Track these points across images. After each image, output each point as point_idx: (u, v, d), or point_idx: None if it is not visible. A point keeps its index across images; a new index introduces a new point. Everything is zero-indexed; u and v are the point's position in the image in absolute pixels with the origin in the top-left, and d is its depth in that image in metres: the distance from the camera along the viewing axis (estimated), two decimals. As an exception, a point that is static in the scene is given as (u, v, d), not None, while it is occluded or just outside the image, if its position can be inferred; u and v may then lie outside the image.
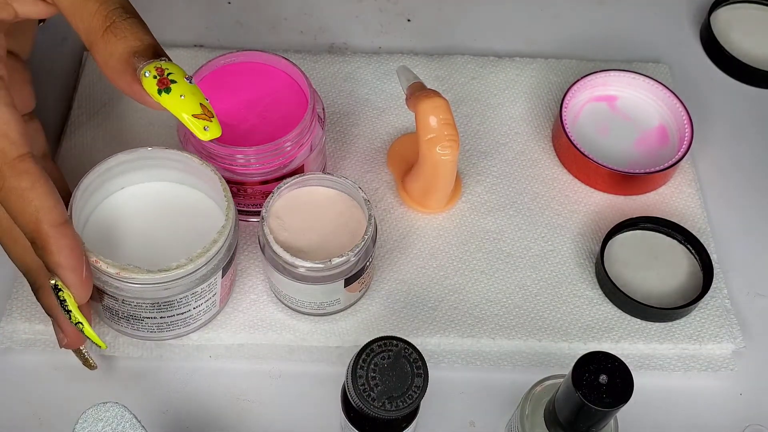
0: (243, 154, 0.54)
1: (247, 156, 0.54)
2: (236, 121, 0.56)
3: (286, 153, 0.55)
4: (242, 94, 0.57)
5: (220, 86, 0.57)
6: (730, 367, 0.56)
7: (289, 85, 0.57)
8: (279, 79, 0.58)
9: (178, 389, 0.54)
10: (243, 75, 0.58)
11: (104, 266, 0.47)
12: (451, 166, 0.56)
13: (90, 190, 0.52)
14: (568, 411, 0.44)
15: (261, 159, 0.54)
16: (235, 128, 0.55)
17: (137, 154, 0.52)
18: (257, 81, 0.57)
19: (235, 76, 0.58)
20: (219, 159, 0.54)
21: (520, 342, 0.56)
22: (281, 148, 0.54)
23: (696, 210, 0.62)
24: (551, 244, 0.60)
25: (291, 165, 0.56)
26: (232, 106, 0.56)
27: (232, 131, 0.55)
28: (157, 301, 0.50)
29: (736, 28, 0.73)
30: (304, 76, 0.56)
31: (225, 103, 0.56)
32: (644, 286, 0.58)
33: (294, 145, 0.55)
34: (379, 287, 0.57)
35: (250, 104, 0.57)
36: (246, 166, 0.54)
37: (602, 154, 0.62)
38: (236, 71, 0.58)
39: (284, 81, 0.58)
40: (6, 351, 0.55)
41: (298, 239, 0.52)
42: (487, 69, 0.68)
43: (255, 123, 0.56)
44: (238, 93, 0.57)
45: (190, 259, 0.48)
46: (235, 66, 0.58)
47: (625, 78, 0.66)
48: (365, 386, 0.43)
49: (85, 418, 0.44)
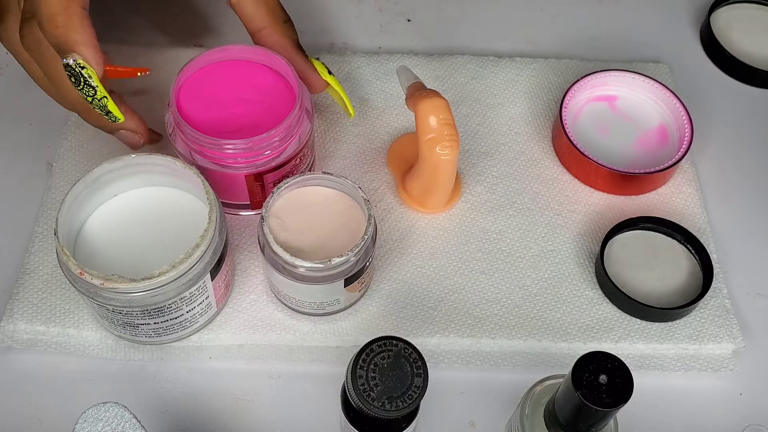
0: (232, 146, 0.54)
1: (235, 147, 0.54)
2: (226, 115, 0.56)
3: (274, 146, 0.55)
4: (231, 88, 0.57)
5: (210, 80, 0.57)
6: (730, 367, 0.56)
7: (277, 79, 0.58)
8: (267, 73, 0.58)
9: (178, 389, 0.54)
10: (231, 69, 0.58)
11: (89, 278, 0.47)
12: (451, 166, 0.56)
13: (79, 201, 0.52)
14: (568, 411, 0.43)
15: (249, 151, 0.54)
16: (225, 122, 0.56)
17: (123, 162, 0.52)
18: (245, 75, 0.58)
19: (223, 70, 0.58)
20: (208, 151, 0.54)
21: (520, 342, 0.56)
22: (270, 140, 0.54)
23: (696, 210, 0.62)
24: (551, 244, 0.60)
25: (279, 158, 0.56)
26: (222, 100, 0.57)
27: (221, 125, 0.55)
28: (147, 308, 0.50)
29: (736, 28, 0.73)
30: (291, 71, 0.56)
31: (215, 98, 0.56)
32: (644, 286, 0.58)
33: (282, 139, 0.55)
34: (378, 287, 0.57)
35: (238, 98, 0.57)
36: (234, 158, 0.55)
37: (602, 154, 0.62)
38: (225, 66, 0.58)
39: (272, 75, 0.58)
40: (6, 351, 0.55)
41: (298, 239, 0.52)
42: (487, 69, 0.68)
43: (243, 116, 0.56)
44: (227, 88, 0.57)
45: (173, 266, 0.48)
46: (225, 62, 0.58)
47: (625, 78, 0.66)
48: (365, 386, 0.43)
49: (85, 418, 0.44)
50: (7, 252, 0.59)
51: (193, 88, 0.57)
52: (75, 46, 0.48)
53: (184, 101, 0.56)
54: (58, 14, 0.48)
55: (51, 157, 0.63)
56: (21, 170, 0.63)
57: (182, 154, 0.56)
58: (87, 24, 0.49)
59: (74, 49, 0.49)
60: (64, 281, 0.56)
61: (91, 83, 0.49)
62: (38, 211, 0.60)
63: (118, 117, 0.52)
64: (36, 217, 0.59)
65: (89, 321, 0.55)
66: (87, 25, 0.49)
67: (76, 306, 0.55)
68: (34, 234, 0.58)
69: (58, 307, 0.55)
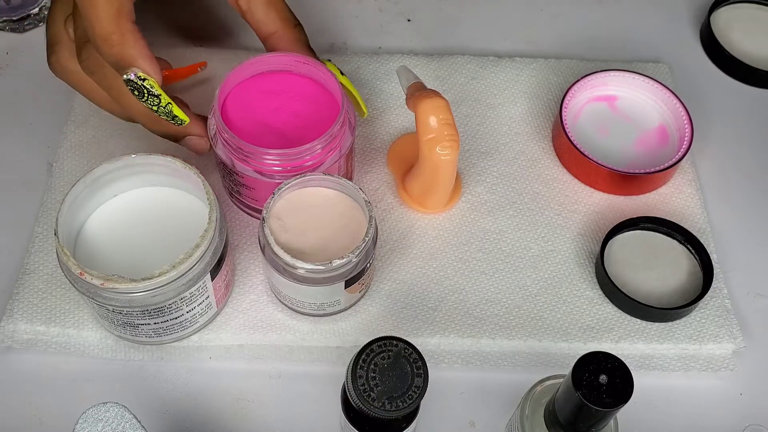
0: (272, 155, 0.53)
1: (275, 157, 0.54)
2: (268, 124, 0.56)
3: (315, 156, 0.54)
4: (275, 98, 0.57)
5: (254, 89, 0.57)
6: (730, 367, 0.56)
7: (321, 90, 0.57)
8: (311, 83, 0.58)
9: (178, 389, 0.54)
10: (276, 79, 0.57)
11: (89, 278, 0.47)
12: (451, 166, 0.56)
13: (79, 201, 0.52)
14: (568, 411, 0.43)
15: (288, 161, 0.54)
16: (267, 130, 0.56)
17: (123, 162, 0.52)
18: (290, 85, 0.57)
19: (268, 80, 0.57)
20: (250, 158, 0.54)
21: (520, 342, 0.56)
22: (311, 150, 0.54)
23: (696, 210, 0.62)
24: (551, 244, 0.60)
25: (320, 169, 0.55)
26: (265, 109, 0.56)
27: (264, 133, 0.55)
28: (147, 308, 0.50)
29: (736, 28, 0.73)
30: (336, 82, 0.56)
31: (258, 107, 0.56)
32: (644, 286, 0.58)
33: (324, 149, 0.54)
34: (379, 287, 0.57)
35: (282, 108, 0.56)
36: (272, 166, 0.54)
37: (602, 154, 0.62)
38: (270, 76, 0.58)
39: (316, 86, 0.57)
40: (6, 351, 0.55)
41: (299, 240, 0.52)
42: (487, 69, 0.68)
43: (285, 126, 0.56)
44: (270, 98, 0.57)
45: (173, 266, 0.48)
46: (270, 73, 0.58)
47: (625, 78, 0.66)
48: (365, 386, 0.43)
49: (85, 418, 0.44)
50: (7, 252, 0.59)
51: (237, 96, 0.57)
52: (133, 60, 0.50)
53: (229, 108, 0.56)
54: (111, 33, 0.49)
55: (51, 157, 0.63)
56: (21, 170, 0.63)
57: (222, 160, 0.55)
58: (139, 37, 0.50)
59: (133, 64, 0.50)
60: (64, 281, 0.56)
61: (154, 92, 0.51)
62: (38, 211, 0.60)
63: (184, 119, 0.53)
64: (36, 217, 0.59)
65: (89, 321, 0.55)
66: (139, 38, 0.50)
67: (76, 306, 0.55)
68: (34, 234, 0.58)
69: (58, 307, 0.55)
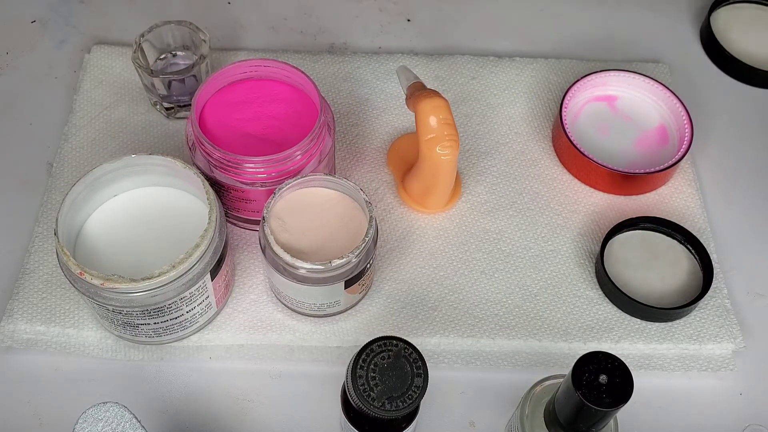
0: (252, 164, 0.53)
1: (255, 165, 0.54)
2: (246, 131, 0.56)
3: (295, 162, 0.54)
4: (253, 104, 0.57)
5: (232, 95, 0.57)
6: (730, 367, 0.56)
7: (299, 95, 0.57)
8: (289, 89, 0.58)
9: (178, 389, 0.54)
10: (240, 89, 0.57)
11: (89, 278, 0.47)
12: (451, 166, 0.56)
13: (79, 201, 0.52)
14: (568, 411, 0.43)
15: (269, 168, 0.54)
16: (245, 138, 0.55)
17: (123, 162, 0.52)
18: (268, 91, 0.57)
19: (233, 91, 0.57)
20: (230, 169, 0.54)
21: (520, 342, 0.56)
22: (290, 157, 0.54)
23: (696, 210, 0.62)
24: (551, 244, 0.60)
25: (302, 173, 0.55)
26: (243, 116, 0.56)
27: (240, 141, 0.55)
28: (147, 308, 0.50)
29: (736, 28, 0.73)
30: (314, 86, 0.56)
31: (236, 114, 0.56)
32: (644, 286, 0.58)
33: (304, 155, 0.54)
34: (379, 287, 0.57)
35: (260, 114, 0.56)
36: (254, 174, 0.54)
37: (602, 154, 0.62)
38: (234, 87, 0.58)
39: (294, 91, 0.57)
40: (6, 351, 0.55)
41: (299, 240, 0.52)
42: (487, 69, 0.68)
43: (264, 133, 0.56)
44: (250, 103, 0.57)
45: (173, 266, 0.48)
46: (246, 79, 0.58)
47: (625, 78, 0.66)
48: (365, 386, 0.43)
49: (85, 418, 0.44)
50: (7, 252, 0.59)
51: (215, 103, 0.56)
52: None
53: (207, 116, 0.56)
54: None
55: (51, 157, 0.63)
56: (21, 170, 0.63)
57: (201, 169, 0.55)
58: None
59: None
60: (64, 281, 0.56)
61: None
62: (38, 211, 0.60)
63: None
64: (36, 217, 0.59)
65: (89, 321, 0.55)
66: None
67: (76, 306, 0.55)
68: (34, 234, 0.58)
69: (58, 307, 0.55)
